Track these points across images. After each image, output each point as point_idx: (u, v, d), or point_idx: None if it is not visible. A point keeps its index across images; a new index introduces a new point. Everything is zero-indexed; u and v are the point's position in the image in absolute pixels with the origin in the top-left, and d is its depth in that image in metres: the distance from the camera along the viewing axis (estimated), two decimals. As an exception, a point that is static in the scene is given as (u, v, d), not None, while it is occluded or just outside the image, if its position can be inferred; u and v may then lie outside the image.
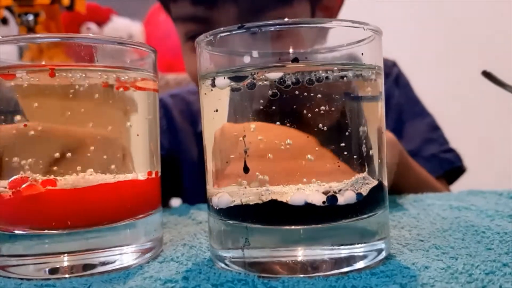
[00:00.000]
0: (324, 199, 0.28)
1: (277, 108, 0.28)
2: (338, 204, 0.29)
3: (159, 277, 0.29)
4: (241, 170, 0.29)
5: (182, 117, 0.83)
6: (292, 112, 0.28)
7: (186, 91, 0.87)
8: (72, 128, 0.31)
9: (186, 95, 0.86)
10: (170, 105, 0.83)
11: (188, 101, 0.85)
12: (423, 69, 1.52)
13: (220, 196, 0.31)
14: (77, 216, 0.31)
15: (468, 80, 1.26)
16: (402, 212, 0.45)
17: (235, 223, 0.30)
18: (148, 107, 0.35)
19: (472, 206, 0.46)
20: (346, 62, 0.29)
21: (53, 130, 0.31)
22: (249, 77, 0.29)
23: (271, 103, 0.28)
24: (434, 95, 1.08)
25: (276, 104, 0.28)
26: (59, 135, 0.31)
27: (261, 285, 0.27)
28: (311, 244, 0.29)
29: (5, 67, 0.30)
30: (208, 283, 0.27)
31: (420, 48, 1.71)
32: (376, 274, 0.28)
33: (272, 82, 0.28)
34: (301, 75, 0.28)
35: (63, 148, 0.31)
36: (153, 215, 0.35)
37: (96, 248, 0.31)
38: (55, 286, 0.28)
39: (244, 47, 0.30)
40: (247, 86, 0.29)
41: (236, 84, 0.29)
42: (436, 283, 0.26)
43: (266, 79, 0.28)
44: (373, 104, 0.31)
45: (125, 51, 0.33)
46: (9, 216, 0.31)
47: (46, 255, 0.30)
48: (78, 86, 0.31)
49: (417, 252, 0.32)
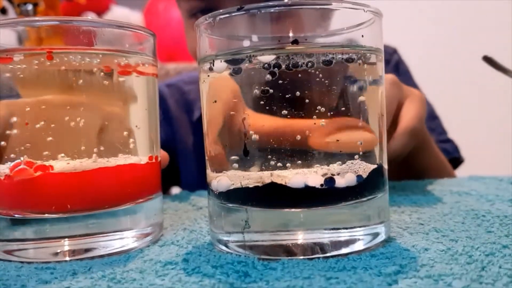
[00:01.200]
0: (322, 181, 0.28)
1: (275, 91, 0.28)
2: (338, 186, 0.29)
3: (159, 260, 0.29)
4: (241, 153, 0.29)
5: (178, 107, 0.83)
6: (290, 95, 0.28)
7: (181, 81, 0.87)
8: (73, 110, 0.31)
9: (182, 84, 0.86)
10: (166, 95, 0.83)
11: (183, 91, 0.85)
12: (423, 56, 1.52)
13: (220, 179, 0.31)
14: (77, 200, 0.31)
15: (469, 66, 1.25)
16: (402, 197, 0.45)
17: (235, 206, 0.30)
18: (148, 91, 0.35)
19: (472, 191, 0.46)
20: (345, 44, 0.29)
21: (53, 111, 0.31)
22: (246, 60, 0.29)
23: (268, 86, 0.28)
24: (434, 82, 1.07)
25: (274, 87, 0.28)
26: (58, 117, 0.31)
27: (261, 266, 0.27)
28: (311, 226, 0.29)
29: (3, 50, 0.30)
30: (208, 264, 0.27)
31: (419, 34, 1.70)
32: (375, 256, 0.28)
33: (267, 66, 0.28)
34: (299, 57, 0.28)
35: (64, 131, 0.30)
36: (153, 199, 0.35)
37: (96, 232, 0.31)
38: (56, 269, 0.28)
39: (243, 30, 0.30)
40: (243, 70, 0.29)
41: (233, 68, 0.29)
42: (436, 264, 0.26)
43: (259, 62, 0.28)
44: (373, 87, 0.31)
45: (124, 35, 0.33)
46: (9, 200, 0.31)
47: (47, 239, 0.30)
48: (77, 70, 0.30)
49: (417, 235, 0.32)
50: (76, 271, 0.27)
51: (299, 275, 0.25)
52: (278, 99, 0.28)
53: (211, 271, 0.26)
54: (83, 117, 0.31)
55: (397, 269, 0.25)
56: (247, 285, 0.24)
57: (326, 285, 0.23)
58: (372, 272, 0.25)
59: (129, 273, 0.27)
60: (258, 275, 0.25)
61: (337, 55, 0.28)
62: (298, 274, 0.25)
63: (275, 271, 0.26)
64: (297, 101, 0.28)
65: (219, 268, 0.26)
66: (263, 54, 0.28)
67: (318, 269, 0.26)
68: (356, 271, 0.26)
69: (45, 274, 0.27)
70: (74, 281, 0.26)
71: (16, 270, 0.28)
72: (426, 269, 0.25)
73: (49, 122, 0.30)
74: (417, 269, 0.25)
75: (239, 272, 0.26)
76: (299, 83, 0.28)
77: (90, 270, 0.28)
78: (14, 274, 0.27)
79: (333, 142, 0.29)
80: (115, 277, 0.26)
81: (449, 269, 0.25)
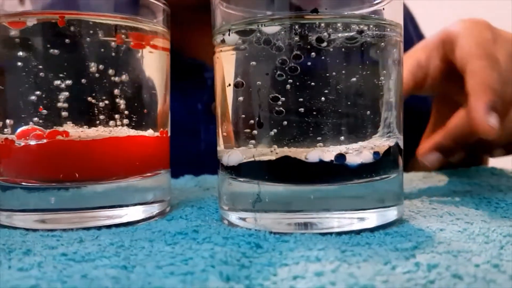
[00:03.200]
0: (333, 158, 0.27)
1: (289, 65, 0.27)
2: (353, 163, 0.28)
3: (168, 231, 0.28)
4: (254, 127, 0.28)
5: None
6: (306, 71, 0.27)
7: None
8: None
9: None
10: None
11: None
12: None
13: (231, 153, 0.30)
14: (85, 169, 0.30)
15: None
16: (412, 186, 0.45)
17: (246, 180, 0.29)
18: (162, 65, 0.35)
19: (482, 182, 0.46)
20: (366, 15, 0.28)
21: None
22: (256, 32, 0.28)
23: (280, 59, 0.27)
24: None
25: (288, 61, 0.27)
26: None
27: (273, 239, 0.26)
28: (324, 203, 0.28)
29: (15, 14, 0.30)
30: (218, 236, 0.26)
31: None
32: (390, 233, 0.27)
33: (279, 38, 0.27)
34: (313, 28, 0.27)
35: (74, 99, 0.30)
36: (161, 174, 0.34)
37: (104, 204, 0.31)
38: (62, 236, 0.27)
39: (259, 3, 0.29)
40: (254, 42, 0.28)
41: (243, 39, 0.29)
42: (453, 243, 0.25)
43: (265, 33, 0.28)
44: (392, 64, 0.30)
45: (139, 4, 0.33)
46: (17, 167, 0.30)
47: (53, 211, 0.30)
48: (90, 38, 0.30)
49: (431, 218, 0.32)
50: (83, 238, 0.27)
51: (313, 247, 0.24)
52: (291, 74, 0.27)
53: (222, 241, 0.25)
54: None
55: (413, 245, 0.25)
56: (259, 255, 0.23)
57: (341, 256, 0.23)
58: (387, 248, 0.25)
59: (137, 242, 0.26)
60: (271, 247, 0.25)
61: (354, 28, 0.28)
62: (312, 246, 0.24)
63: (288, 243, 0.25)
64: (312, 76, 0.27)
65: (230, 239, 0.26)
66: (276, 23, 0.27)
67: (332, 243, 0.25)
68: (370, 246, 0.25)
69: (51, 240, 0.27)
70: (81, 247, 0.25)
71: (21, 236, 0.28)
72: (443, 246, 0.25)
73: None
74: (435, 246, 0.25)
75: (251, 243, 0.25)
76: (317, 57, 0.27)
77: (97, 238, 0.27)
78: (19, 240, 0.27)
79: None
80: (123, 245, 0.25)
81: (467, 246, 0.25)
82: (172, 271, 0.21)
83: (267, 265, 0.22)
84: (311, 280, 0.20)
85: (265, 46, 0.28)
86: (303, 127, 0.28)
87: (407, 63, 0.44)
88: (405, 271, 0.21)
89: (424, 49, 0.45)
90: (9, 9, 0.30)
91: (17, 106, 0.30)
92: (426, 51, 0.45)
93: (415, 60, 0.44)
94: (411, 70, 0.44)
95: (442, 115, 0.48)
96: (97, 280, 0.20)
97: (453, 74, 0.42)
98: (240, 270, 0.21)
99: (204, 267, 0.21)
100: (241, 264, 0.22)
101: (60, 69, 0.29)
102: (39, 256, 0.24)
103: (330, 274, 0.20)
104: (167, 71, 0.36)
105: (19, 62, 0.29)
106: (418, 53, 0.45)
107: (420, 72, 0.44)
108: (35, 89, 0.29)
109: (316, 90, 0.27)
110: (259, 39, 0.28)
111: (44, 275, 0.21)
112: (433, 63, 0.44)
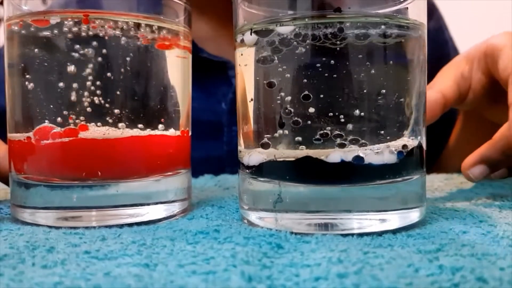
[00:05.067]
0: (354, 158, 0.27)
1: (311, 65, 0.27)
2: (377, 163, 0.28)
3: (189, 229, 0.28)
4: (276, 127, 0.28)
5: None
6: (329, 71, 0.27)
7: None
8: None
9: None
10: None
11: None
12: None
13: (252, 154, 0.30)
14: (107, 167, 0.30)
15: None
16: (434, 188, 0.44)
17: (267, 180, 0.29)
18: (184, 65, 0.35)
19: (505, 184, 0.45)
20: (389, 14, 0.28)
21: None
22: (275, 31, 0.28)
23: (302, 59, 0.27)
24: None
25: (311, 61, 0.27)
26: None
27: (294, 240, 0.26)
28: (345, 204, 0.28)
29: (40, 12, 0.30)
30: (239, 235, 0.26)
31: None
32: (412, 236, 0.27)
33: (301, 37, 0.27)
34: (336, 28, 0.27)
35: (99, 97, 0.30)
36: (182, 174, 0.35)
37: (126, 202, 0.31)
38: (84, 234, 0.28)
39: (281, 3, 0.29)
40: (276, 42, 0.28)
41: (262, 39, 0.28)
42: (477, 245, 0.25)
43: (285, 33, 0.27)
44: (417, 64, 0.30)
45: (161, 3, 0.33)
46: (40, 166, 0.31)
47: (75, 208, 0.30)
48: (116, 37, 0.30)
49: (453, 220, 0.31)
50: (105, 236, 0.27)
51: (334, 248, 0.24)
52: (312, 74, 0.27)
53: (243, 241, 0.25)
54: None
55: (436, 247, 0.24)
56: (280, 255, 0.23)
57: (364, 258, 0.23)
58: (410, 250, 0.24)
59: (159, 240, 0.26)
60: (292, 247, 0.25)
61: (377, 27, 0.27)
62: (333, 247, 0.24)
63: (309, 244, 0.25)
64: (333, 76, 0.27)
65: (251, 239, 0.26)
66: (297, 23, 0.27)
67: (354, 245, 0.25)
68: (393, 248, 0.25)
69: (74, 238, 0.27)
70: (104, 245, 0.25)
71: (44, 234, 0.28)
72: (467, 249, 0.24)
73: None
74: (458, 248, 0.24)
75: (272, 244, 0.25)
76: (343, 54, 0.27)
77: (119, 237, 0.27)
78: (42, 237, 0.27)
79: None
80: (145, 243, 0.25)
81: (492, 249, 0.24)
82: (194, 270, 0.21)
83: (289, 265, 0.22)
84: (333, 281, 0.20)
85: (287, 47, 0.28)
86: (325, 127, 0.27)
87: (450, 73, 0.43)
88: (429, 273, 0.21)
89: (467, 60, 0.44)
90: (33, 8, 0.31)
91: (40, 104, 0.30)
92: (469, 62, 0.44)
93: (459, 71, 0.43)
94: (456, 81, 0.43)
95: (468, 129, 0.47)
96: (120, 278, 0.20)
97: (491, 88, 0.42)
98: (262, 270, 0.21)
99: (225, 267, 0.21)
100: (263, 264, 0.22)
101: (84, 68, 0.30)
102: (62, 253, 0.24)
103: (353, 276, 0.20)
104: (189, 70, 0.36)
105: (44, 61, 0.30)
106: (461, 64, 0.44)
107: (464, 83, 0.43)
108: (59, 88, 0.30)
109: (340, 90, 0.27)
110: (280, 39, 0.28)
111: (68, 272, 0.21)
112: (475, 75, 0.43)
